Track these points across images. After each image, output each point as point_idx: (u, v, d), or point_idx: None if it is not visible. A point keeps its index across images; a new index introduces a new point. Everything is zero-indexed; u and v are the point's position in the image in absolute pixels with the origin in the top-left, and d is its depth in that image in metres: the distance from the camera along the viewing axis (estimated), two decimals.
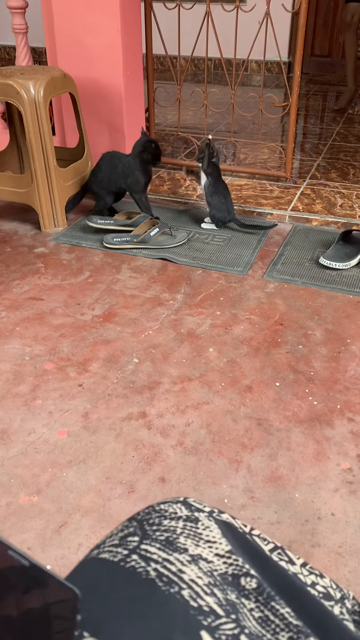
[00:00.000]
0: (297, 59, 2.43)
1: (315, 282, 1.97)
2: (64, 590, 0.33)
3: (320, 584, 0.47)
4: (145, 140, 2.23)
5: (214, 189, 2.24)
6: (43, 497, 1.20)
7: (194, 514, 0.46)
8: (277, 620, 0.40)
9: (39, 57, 5.40)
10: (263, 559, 0.46)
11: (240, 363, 1.59)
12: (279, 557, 0.47)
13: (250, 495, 1.20)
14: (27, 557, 0.33)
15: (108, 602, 0.38)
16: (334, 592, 0.47)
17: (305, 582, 0.46)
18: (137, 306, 1.85)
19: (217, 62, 5.14)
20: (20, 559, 0.33)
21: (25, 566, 0.33)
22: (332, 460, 1.29)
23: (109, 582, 0.40)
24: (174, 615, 0.38)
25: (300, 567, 0.47)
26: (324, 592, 0.46)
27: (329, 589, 0.47)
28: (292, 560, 0.47)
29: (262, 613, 0.40)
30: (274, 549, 0.47)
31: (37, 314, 1.81)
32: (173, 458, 1.29)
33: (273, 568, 0.45)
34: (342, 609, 0.46)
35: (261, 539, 0.48)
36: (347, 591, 0.48)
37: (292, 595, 0.43)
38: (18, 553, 0.33)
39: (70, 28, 2.43)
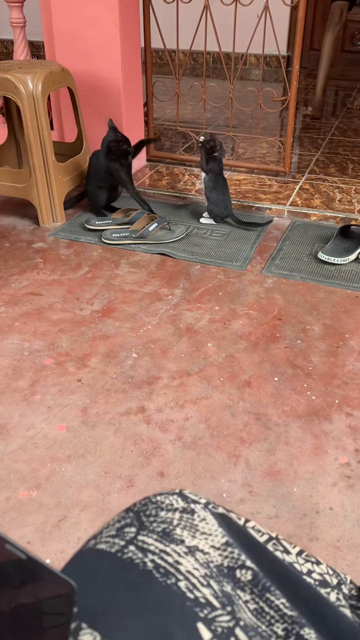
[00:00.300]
0: (296, 53, 2.43)
1: (314, 277, 1.97)
2: (60, 584, 0.34)
3: (316, 572, 0.47)
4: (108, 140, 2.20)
5: (213, 185, 2.24)
6: (42, 491, 1.20)
7: (190, 505, 0.47)
8: (272, 612, 0.41)
9: (37, 51, 5.38)
10: (258, 550, 0.46)
11: (239, 358, 1.59)
12: (275, 548, 0.47)
13: (249, 489, 1.21)
14: (24, 550, 0.33)
15: (105, 593, 0.39)
16: (330, 579, 0.47)
17: (301, 570, 0.46)
18: (135, 301, 1.85)
19: (216, 56, 5.12)
20: (17, 553, 0.33)
21: (22, 559, 0.33)
22: (330, 455, 1.29)
23: (106, 572, 0.41)
24: (171, 606, 0.38)
25: (295, 556, 0.47)
26: (320, 579, 0.46)
27: (325, 576, 0.47)
28: (287, 550, 0.47)
29: (257, 605, 0.41)
30: (269, 539, 0.48)
31: (36, 309, 1.81)
32: (172, 453, 1.29)
33: (268, 558, 0.45)
34: (338, 595, 0.46)
35: (255, 531, 0.48)
36: (344, 575, 0.49)
37: (288, 585, 0.44)
38: (15, 546, 0.33)
39: (69, 22, 2.42)
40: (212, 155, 2.22)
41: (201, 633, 0.37)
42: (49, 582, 0.34)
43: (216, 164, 2.23)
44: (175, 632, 0.37)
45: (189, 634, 0.37)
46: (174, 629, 0.37)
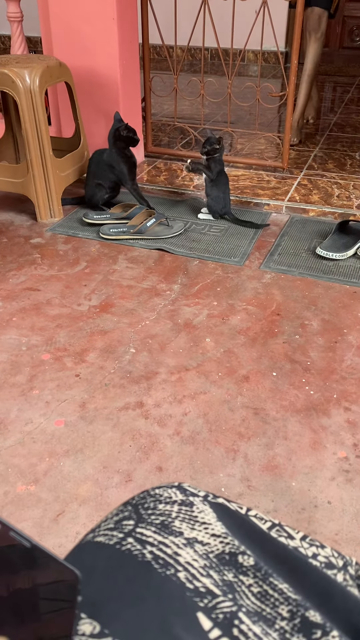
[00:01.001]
0: (294, 48, 2.42)
1: (312, 273, 1.96)
2: (64, 572, 0.34)
3: (321, 555, 0.47)
4: (114, 128, 2.20)
5: (215, 182, 2.24)
6: (40, 486, 1.20)
7: (188, 498, 0.47)
8: (276, 595, 0.41)
9: (34, 46, 5.36)
10: (261, 536, 0.46)
11: (237, 353, 1.59)
12: (278, 534, 0.47)
13: (247, 484, 1.21)
14: (28, 538, 0.33)
15: (105, 584, 0.39)
16: (335, 561, 0.47)
17: (306, 554, 0.46)
18: (134, 296, 1.84)
19: (214, 51, 5.10)
20: (22, 540, 0.33)
21: (26, 547, 0.33)
22: (328, 449, 1.29)
23: (105, 564, 0.40)
24: (171, 597, 0.38)
25: (300, 541, 0.47)
26: (325, 561, 0.46)
27: (330, 558, 0.47)
28: (291, 535, 0.47)
29: (261, 588, 0.41)
30: (272, 526, 0.48)
31: (34, 305, 1.80)
32: (170, 447, 1.29)
33: (272, 543, 0.45)
34: (345, 575, 0.46)
35: (258, 519, 0.48)
36: (350, 557, 0.49)
37: (294, 567, 0.44)
38: (20, 534, 0.33)
39: (66, 16, 2.40)
40: (213, 156, 2.21)
41: (201, 622, 0.37)
42: (53, 570, 0.34)
43: (217, 163, 2.23)
44: (174, 622, 0.36)
45: (188, 623, 0.37)
46: (173, 619, 0.37)
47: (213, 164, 2.22)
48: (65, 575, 0.34)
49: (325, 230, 2.23)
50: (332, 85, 4.53)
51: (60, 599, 0.34)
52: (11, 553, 0.33)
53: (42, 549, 0.33)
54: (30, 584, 0.34)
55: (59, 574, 0.34)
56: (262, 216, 2.36)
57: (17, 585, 0.34)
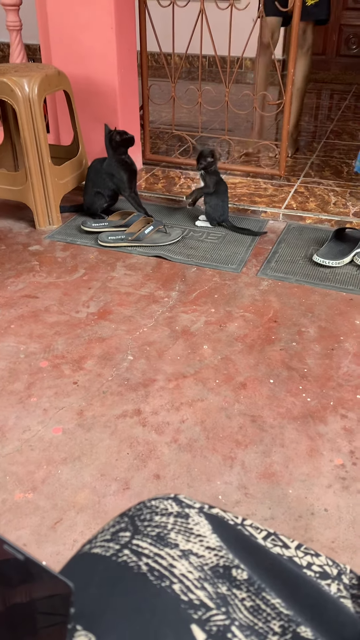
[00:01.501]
0: (291, 56, 2.44)
1: (309, 280, 1.98)
2: (58, 584, 0.34)
3: (316, 564, 0.47)
4: (108, 136, 2.23)
5: (214, 190, 2.26)
6: (38, 494, 1.21)
7: (184, 510, 0.47)
8: (268, 609, 0.41)
9: (33, 54, 5.38)
10: (255, 548, 0.46)
11: (235, 360, 1.60)
12: (273, 543, 0.48)
13: (244, 491, 1.21)
14: (22, 551, 0.34)
15: (100, 596, 0.39)
16: (330, 570, 0.48)
17: (300, 564, 0.47)
18: (131, 303, 1.85)
19: (212, 59, 5.13)
20: (15, 553, 0.34)
21: (20, 560, 0.34)
22: (325, 457, 1.30)
23: (101, 576, 0.41)
24: (165, 608, 0.39)
25: (295, 550, 0.48)
26: (320, 571, 0.47)
27: (325, 567, 0.48)
28: (286, 545, 0.48)
29: (254, 602, 0.41)
30: (267, 535, 0.48)
31: (32, 312, 1.81)
32: (167, 455, 1.30)
33: (266, 555, 0.46)
34: (339, 585, 0.47)
35: (253, 528, 0.49)
36: (344, 565, 0.49)
37: (287, 580, 0.44)
38: (13, 547, 0.34)
39: (65, 25, 2.42)
40: (209, 170, 2.23)
41: (195, 634, 0.38)
42: (46, 582, 0.34)
43: (213, 174, 2.25)
44: (168, 634, 0.37)
45: (182, 635, 0.37)
46: (167, 631, 0.37)
47: (209, 177, 2.24)
48: (58, 587, 0.34)
49: (321, 237, 2.24)
50: (329, 92, 4.56)
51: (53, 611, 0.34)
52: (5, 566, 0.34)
53: (36, 562, 0.34)
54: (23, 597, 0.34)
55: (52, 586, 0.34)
56: (260, 223, 2.38)
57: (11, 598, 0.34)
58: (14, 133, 2.58)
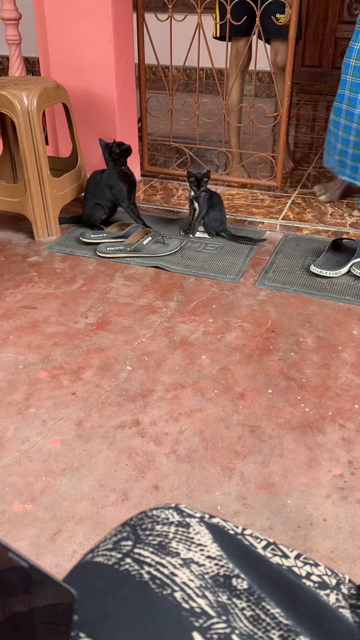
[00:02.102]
0: (287, 69, 2.47)
1: (306, 290, 1.99)
2: (61, 592, 0.34)
3: (315, 574, 0.48)
4: (106, 152, 2.25)
5: (210, 203, 2.28)
6: (37, 505, 1.20)
7: (185, 519, 0.48)
8: (268, 619, 0.41)
9: (32, 67, 5.43)
10: (255, 558, 0.47)
11: (233, 370, 1.60)
12: (273, 553, 0.48)
13: (243, 502, 1.21)
14: (25, 558, 0.34)
15: (103, 604, 0.40)
16: (329, 580, 0.48)
17: (300, 574, 0.47)
18: (130, 314, 1.86)
19: (209, 72, 5.18)
20: (19, 561, 0.34)
21: (24, 567, 0.34)
22: (323, 467, 1.30)
23: (103, 584, 0.41)
24: (167, 616, 0.39)
25: (294, 560, 0.48)
26: (319, 581, 0.47)
27: (324, 577, 0.48)
28: (285, 554, 0.48)
29: (254, 612, 0.42)
30: (267, 545, 0.49)
31: (31, 323, 1.81)
32: (166, 466, 1.30)
33: (266, 565, 0.46)
34: (338, 595, 0.47)
35: (253, 538, 0.49)
36: (343, 575, 0.49)
37: (286, 590, 0.44)
38: (17, 555, 0.34)
39: (63, 39, 2.45)
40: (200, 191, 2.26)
41: None
42: (50, 590, 0.35)
43: (204, 195, 2.27)
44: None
45: None
46: (169, 639, 0.38)
47: (202, 200, 2.26)
48: (61, 595, 0.34)
49: (318, 248, 2.26)
50: (325, 104, 4.60)
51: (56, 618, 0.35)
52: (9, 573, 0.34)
53: (40, 569, 0.34)
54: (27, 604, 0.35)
55: (55, 593, 0.35)
56: (257, 234, 2.39)
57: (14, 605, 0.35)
58: (13, 145, 2.60)
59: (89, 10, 2.34)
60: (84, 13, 2.36)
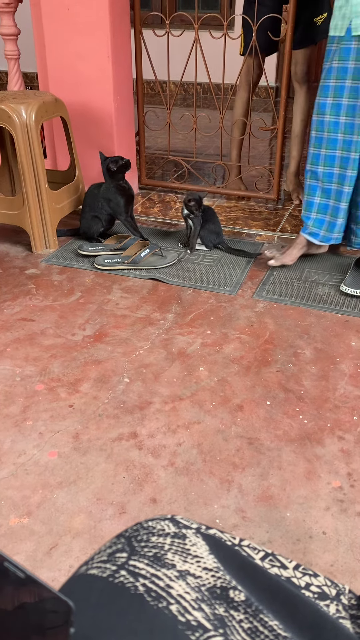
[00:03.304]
0: (283, 83, 2.49)
1: (304, 302, 1.99)
2: (58, 603, 0.34)
3: (314, 584, 0.47)
4: (104, 167, 2.27)
5: (204, 218, 2.29)
6: (33, 518, 1.19)
7: (181, 530, 0.47)
8: (266, 631, 0.41)
9: (30, 82, 5.48)
10: (253, 569, 0.46)
11: (231, 382, 1.59)
12: (271, 564, 0.47)
13: (242, 515, 1.20)
14: (22, 569, 0.34)
15: (97, 617, 0.39)
16: (328, 590, 0.47)
17: (299, 584, 0.46)
18: (128, 326, 1.85)
19: (206, 86, 5.23)
20: (15, 571, 0.33)
21: (20, 578, 0.33)
22: (322, 479, 1.29)
23: (98, 597, 0.41)
24: (163, 630, 0.38)
25: (293, 570, 0.48)
26: (318, 591, 0.46)
27: (323, 588, 0.47)
28: (284, 565, 0.48)
29: (252, 624, 0.41)
30: (265, 556, 0.48)
31: (28, 335, 1.81)
32: (164, 478, 1.29)
33: (264, 576, 0.46)
34: (338, 606, 0.46)
35: (251, 549, 0.48)
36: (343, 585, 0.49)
37: (285, 600, 0.44)
38: (14, 565, 0.33)
39: (62, 54, 2.47)
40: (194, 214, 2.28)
41: None
42: (46, 601, 0.34)
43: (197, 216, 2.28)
44: None
45: None
46: None
47: (195, 219, 2.27)
48: (58, 606, 0.34)
49: (316, 260, 2.26)
50: None
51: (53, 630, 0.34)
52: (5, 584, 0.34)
53: (36, 580, 0.34)
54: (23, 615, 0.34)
55: (52, 605, 0.34)
56: (254, 247, 2.40)
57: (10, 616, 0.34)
58: (12, 158, 2.61)
59: (88, 26, 2.37)
60: (82, 29, 2.38)
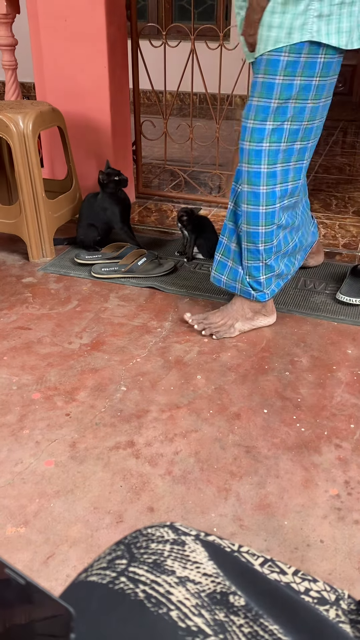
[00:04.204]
0: None
1: (300, 310, 1.99)
2: (58, 609, 0.34)
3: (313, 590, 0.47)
4: (100, 177, 2.29)
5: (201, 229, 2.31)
6: (30, 528, 1.19)
7: (180, 537, 0.47)
8: (266, 636, 0.41)
9: (27, 92, 5.51)
10: (252, 575, 0.46)
11: (228, 390, 1.60)
12: (270, 570, 0.47)
13: (240, 523, 1.20)
14: (23, 575, 0.34)
15: (98, 623, 0.39)
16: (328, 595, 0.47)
17: (298, 590, 0.46)
18: (125, 334, 1.86)
19: (202, 97, 5.27)
20: (16, 577, 0.33)
21: (21, 584, 0.33)
22: (320, 487, 1.29)
23: (98, 603, 0.41)
24: (163, 636, 0.38)
25: (292, 576, 0.48)
26: (318, 597, 0.46)
27: (322, 593, 0.47)
28: (283, 571, 0.48)
29: (252, 629, 0.41)
30: (265, 562, 0.48)
31: (25, 344, 1.81)
32: (161, 487, 1.28)
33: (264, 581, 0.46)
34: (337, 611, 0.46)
35: (250, 555, 0.48)
36: (342, 590, 0.49)
37: (285, 605, 0.44)
38: (14, 571, 0.33)
39: (59, 64, 2.49)
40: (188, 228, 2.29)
41: None
42: (47, 607, 0.34)
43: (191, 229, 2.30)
44: None
45: None
46: None
47: (190, 231, 2.29)
48: (59, 612, 0.34)
49: (312, 269, 2.27)
50: None
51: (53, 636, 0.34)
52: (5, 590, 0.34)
53: (37, 586, 0.34)
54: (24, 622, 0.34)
55: (52, 611, 0.34)
56: None
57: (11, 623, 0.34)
58: (9, 167, 2.62)
59: (85, 36, 2.39)
60: (79, 39, 2.40)
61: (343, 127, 4.72)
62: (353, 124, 4.90)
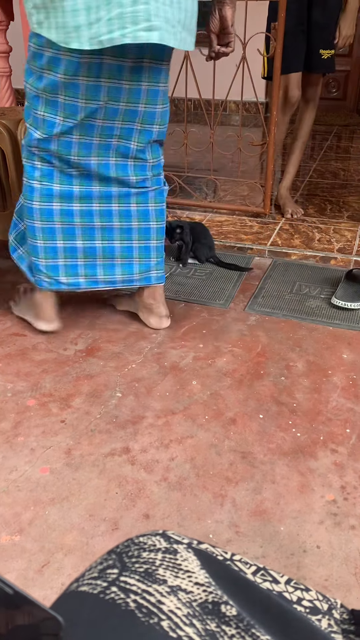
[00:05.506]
0: (273, 99, 2.52)
1: (296, 315, 1.99)
2: (48, 619, 0.33)
3: (306, 599, 0.47)
4: None
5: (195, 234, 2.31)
6: (25, 536, 1.18)
7: (172, 545, 0.47)
8: None
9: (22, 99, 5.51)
10: (244, 584, 0.46)
11: (224, 395, 1.59)
12: (263, 578, 0.47)
13: (236, 529, 1.19)
14: (11, 585, 0.33)
15: (88, 634, 0.38)
16: (320, 605, 0.47)
17: (291, 599, 0.46)
18: (120, 340, 1.85)
19: (197, 102, 5.29)
20: (4, 587, 0.33)
21: (9, 594, 0.33)
22: (316, 493, 1.28)
23: (88, 614, 0.40)
24: None
25: (284, 585, 0.47)
26: (310, 606, 0.46)
27: (315, 602, 0.47)
28: (275, 579, 0.47)
29: (243, 639, 0.40)
30: (257, 570, 0.48)
31: (20, 350, 1.80)
32: (157, 494, 1.28)
33: (255, 591, 0.45)
34: (330, 620, 0.46)
35: (242, 563, 0.48)
36: (334, 600, 0.48)
37: (277, 615, 0.43)
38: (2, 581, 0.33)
39: None
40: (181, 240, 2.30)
41: None
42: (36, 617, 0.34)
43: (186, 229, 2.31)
44: None
45: None
46: None
47: (185, 236, 2.29)
48: (48, 622, 0.33)
49: (307, 273, 2.27)
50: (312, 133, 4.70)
51: None
52: None
53: (26, 597, 0.33)
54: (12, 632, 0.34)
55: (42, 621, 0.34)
56: (246, 260, 2.41)
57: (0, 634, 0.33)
58: (3, 174, 2.61)
59: None
60: None
61: (337, 132, 4.74)
62: (347, 129, 4.93)
